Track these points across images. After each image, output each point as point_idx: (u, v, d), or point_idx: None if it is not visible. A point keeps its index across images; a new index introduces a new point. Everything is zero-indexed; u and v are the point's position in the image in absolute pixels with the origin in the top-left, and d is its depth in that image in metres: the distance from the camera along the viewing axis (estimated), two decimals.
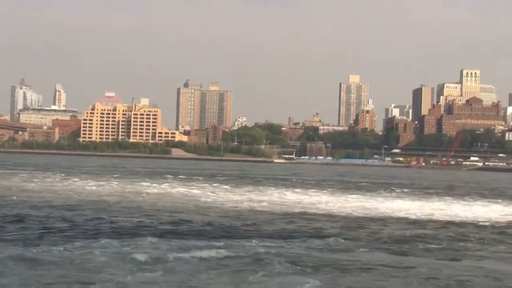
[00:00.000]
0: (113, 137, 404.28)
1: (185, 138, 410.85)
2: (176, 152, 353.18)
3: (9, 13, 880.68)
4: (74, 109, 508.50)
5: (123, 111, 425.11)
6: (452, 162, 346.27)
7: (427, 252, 28.22)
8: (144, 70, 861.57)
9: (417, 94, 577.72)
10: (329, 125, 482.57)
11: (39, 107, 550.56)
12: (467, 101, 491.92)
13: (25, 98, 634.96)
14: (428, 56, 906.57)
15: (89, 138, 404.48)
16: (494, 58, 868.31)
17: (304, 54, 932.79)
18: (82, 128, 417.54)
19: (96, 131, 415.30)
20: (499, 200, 68.37)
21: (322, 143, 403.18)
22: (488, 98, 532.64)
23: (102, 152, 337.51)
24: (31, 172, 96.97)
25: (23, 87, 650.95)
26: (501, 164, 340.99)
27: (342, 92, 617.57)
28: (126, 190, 63.18)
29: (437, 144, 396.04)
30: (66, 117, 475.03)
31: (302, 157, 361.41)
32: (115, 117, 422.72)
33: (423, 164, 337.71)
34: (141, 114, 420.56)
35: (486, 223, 41.74)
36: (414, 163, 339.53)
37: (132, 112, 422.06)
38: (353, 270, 23.16)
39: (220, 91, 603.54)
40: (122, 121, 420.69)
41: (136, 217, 38.74)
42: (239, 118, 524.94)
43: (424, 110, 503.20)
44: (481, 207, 56.69)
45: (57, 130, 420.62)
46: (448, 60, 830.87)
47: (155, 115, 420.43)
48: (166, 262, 23.29)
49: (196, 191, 65.11)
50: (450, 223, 41.08)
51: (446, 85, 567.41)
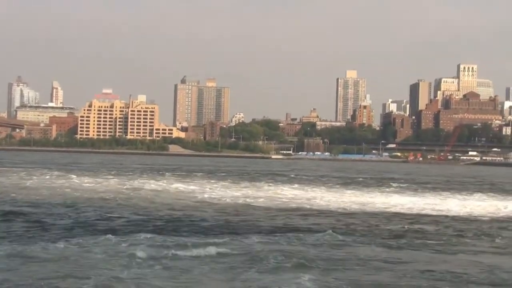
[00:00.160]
0: (111, 134, 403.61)
1: (183, 135, 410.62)
2: (174, 149, 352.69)
3: (7, 11, 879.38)
4: (71, 106, 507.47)
5: (120, 108, 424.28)
6: (450, 157, 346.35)
7: (423, 246, 28.32)
8: (141, 67, 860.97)
9: (415, 89, 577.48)
10: (327, 121, 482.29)
11: (36, 104, 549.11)
12: (464, 96, 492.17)
13: (22, 95, 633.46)
14: (425, 51, 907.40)
15: (87, 135, 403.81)
16: (491, 53, 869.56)
17: (301, 50, 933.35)
18: (79, 125, 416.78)
19: (93, 128, 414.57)
20: (496, 195, 68.54)
21: (320, 139, 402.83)
22: (486, 93, 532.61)
23: (100, 149, 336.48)
24: (29, 169, 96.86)
25: (20, 85, 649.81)
26: (499, 159, 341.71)
27: (340, 88, 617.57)
28: (124, 187, 63.16)
29: (435, 139, 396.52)
30: (63, 114, 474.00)
31: (300, 153, 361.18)
32: (112, 114, 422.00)
33: (421, 159, 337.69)
34: (138, 111, 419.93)
35: (483, 218, 41.87)
36: (412, 158, 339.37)
37: (129, 109, 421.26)
38: (349, 265, 23.23)
39: (218, 87, 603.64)
40: (119, 118, 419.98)
41: (133, 214, 38.87)
42: (237, 114, 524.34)
43: (422, 105, 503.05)
44: (478, 202, 56.80)
45: (54, 127, 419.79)
46: (445, 55, 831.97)
47: (152, 112, 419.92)
48: (163, 258, 23.34)
49: (194, 187, 65.13)
50: (447, 218, 41.22)
51: (443, 80, 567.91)
